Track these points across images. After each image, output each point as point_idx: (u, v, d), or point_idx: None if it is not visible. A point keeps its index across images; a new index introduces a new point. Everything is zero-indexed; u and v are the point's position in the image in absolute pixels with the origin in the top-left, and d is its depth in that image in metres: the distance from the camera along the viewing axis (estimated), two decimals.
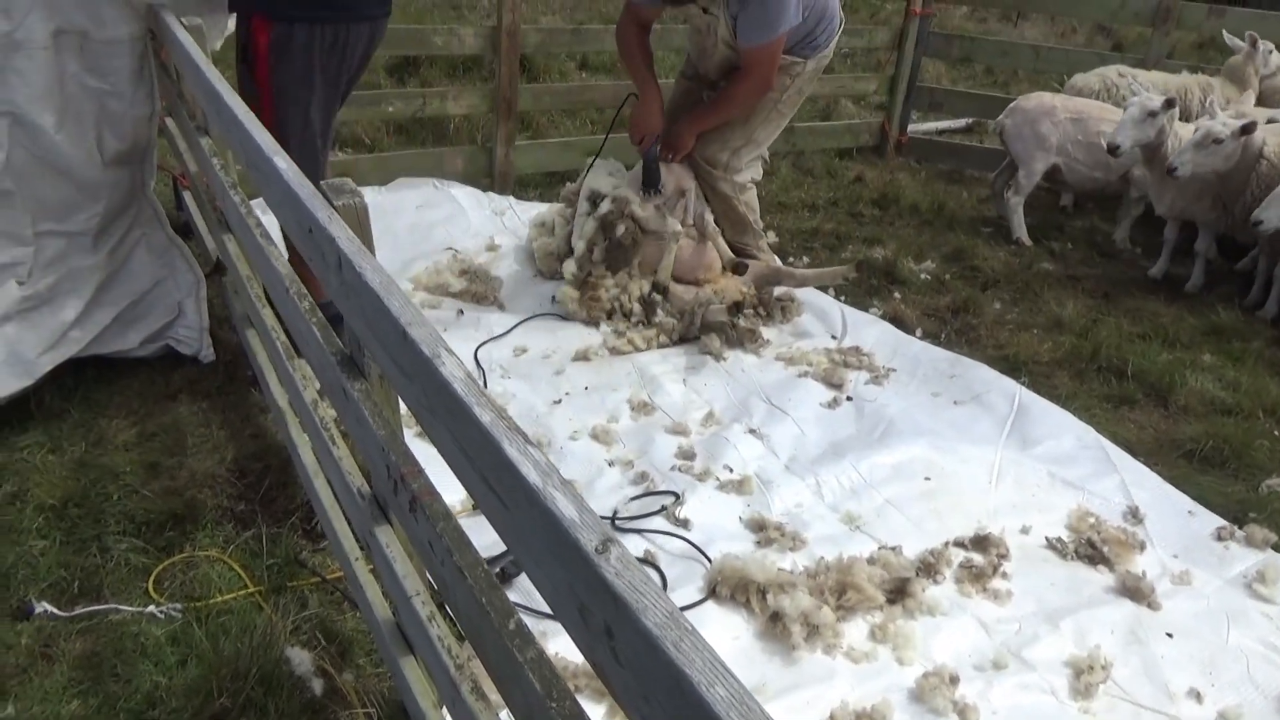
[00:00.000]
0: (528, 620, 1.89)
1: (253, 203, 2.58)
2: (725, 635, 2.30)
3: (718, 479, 2.88)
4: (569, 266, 3.82)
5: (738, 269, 3.96)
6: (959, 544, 2.65)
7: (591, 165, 4.11)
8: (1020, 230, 5.13)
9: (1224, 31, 5.41)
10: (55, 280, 2.92)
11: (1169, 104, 4.27)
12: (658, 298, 3.79)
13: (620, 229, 3.70)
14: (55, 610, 2.23)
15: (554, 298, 3.88)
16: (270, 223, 2.43)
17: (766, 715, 0.65)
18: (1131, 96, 4.40)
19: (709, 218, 3.99)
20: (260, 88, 2.94)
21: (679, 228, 3.86)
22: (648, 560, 2.52)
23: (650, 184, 3.83)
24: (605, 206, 3.75)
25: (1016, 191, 5.14)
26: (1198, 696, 2.21)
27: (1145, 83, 5.39)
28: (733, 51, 3.67)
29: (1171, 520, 2.83)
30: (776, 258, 4.34)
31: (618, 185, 3.84)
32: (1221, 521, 2.84)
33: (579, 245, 3.79)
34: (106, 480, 2.65)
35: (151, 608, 2.26)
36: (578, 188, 4.15)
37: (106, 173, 2.99)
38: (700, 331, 3.71)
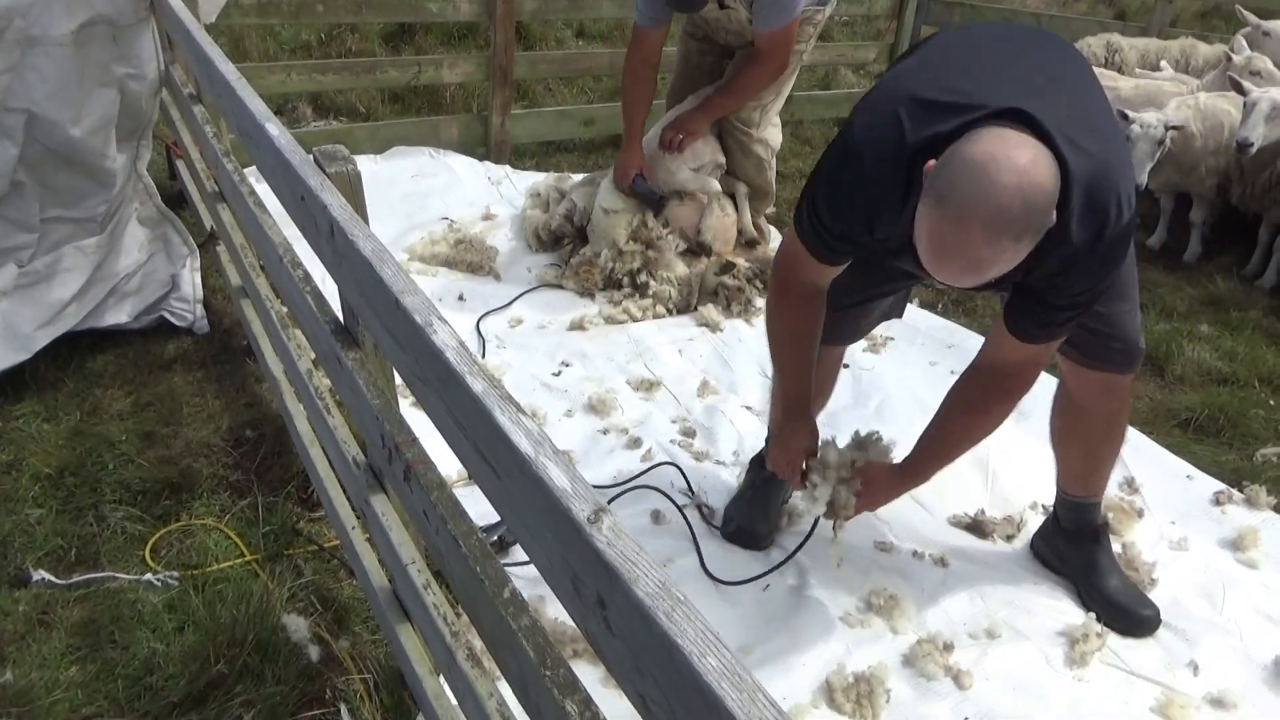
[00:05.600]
0: (526, 585, 1.90)
1: (246, 171, 2.56)
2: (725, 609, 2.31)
3: (712, 451, 2.88)
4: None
5: (725, 269, 3.87)
6: (955, 515, 2.65)
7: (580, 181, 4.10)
8: None
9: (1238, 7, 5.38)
10: (55, 259, 2.90)
11: None
12: (648, 281, 3.75)
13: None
14: (52, 578, 2.24)
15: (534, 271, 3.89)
16: (264, 191, 2.41)
17: (757, 684, 0.65)
18: (1254, 89, 4.12)
19: (741, 188, 3.97)
20: None
21: (717, 187, 3.85)
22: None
23: (656, 209, 3.79)
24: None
25: None
26: (1193, 666, 2.22)
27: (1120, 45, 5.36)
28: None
29: (1169, 486, 2.84)
30: (774, 229, 4.33)
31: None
32: (1220, 486, 2.85)
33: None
34: (102, 449, 2.65)
35: (148, 575, 2.26)
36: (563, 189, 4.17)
37: (119, 158, 2.96)
38: (699, 302, 3.71)
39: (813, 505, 2.12)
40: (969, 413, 2.03)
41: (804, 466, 2.16)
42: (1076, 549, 2.41)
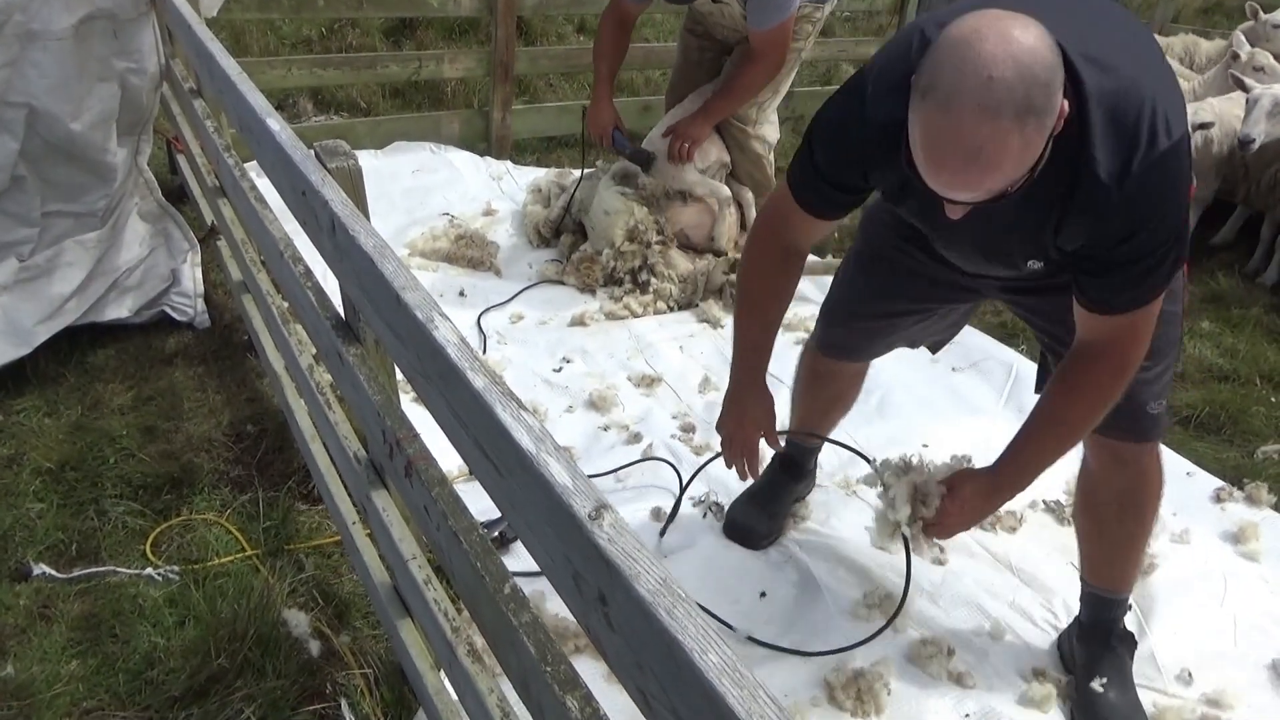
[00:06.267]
0: (526, 580, 1.90)
1: (247, 166, 2.56)
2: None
3: (712, 446, 2.88)
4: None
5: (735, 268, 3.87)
6: None
7: (580, 180, 4.06)
8: None
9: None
10: (55, 254, 2.90)
11: None
12: (649, 279, 3.73)
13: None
14: (53, 572, 2.24)
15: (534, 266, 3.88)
16: (265, 186, 2.41)
17: (759, 681, 0.66)
18: (1257, 85, 4.11)
19: (747, 195, 3.96)
20: None
21: (727, 192, 3.84)
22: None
23: (644, 166, 3.79)
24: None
25: None
26: (1191, 665, 2.21)
27: None
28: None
29: (1169, 483, 2.82)
30: None
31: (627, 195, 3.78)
32: (1220, 483, 2.85)
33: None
34: (103, 444, 2.65)
35: (149, 570, 2.27)
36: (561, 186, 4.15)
37: (119, 152, 2.96)
38: (703, 299, 3.71)
39: (890, 512, 1.85)
40: (1065, 397, 1.72)
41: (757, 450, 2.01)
42: (1084, 647, 2.10)
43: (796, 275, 1.99)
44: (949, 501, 1.82)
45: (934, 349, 2.36)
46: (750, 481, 2.22)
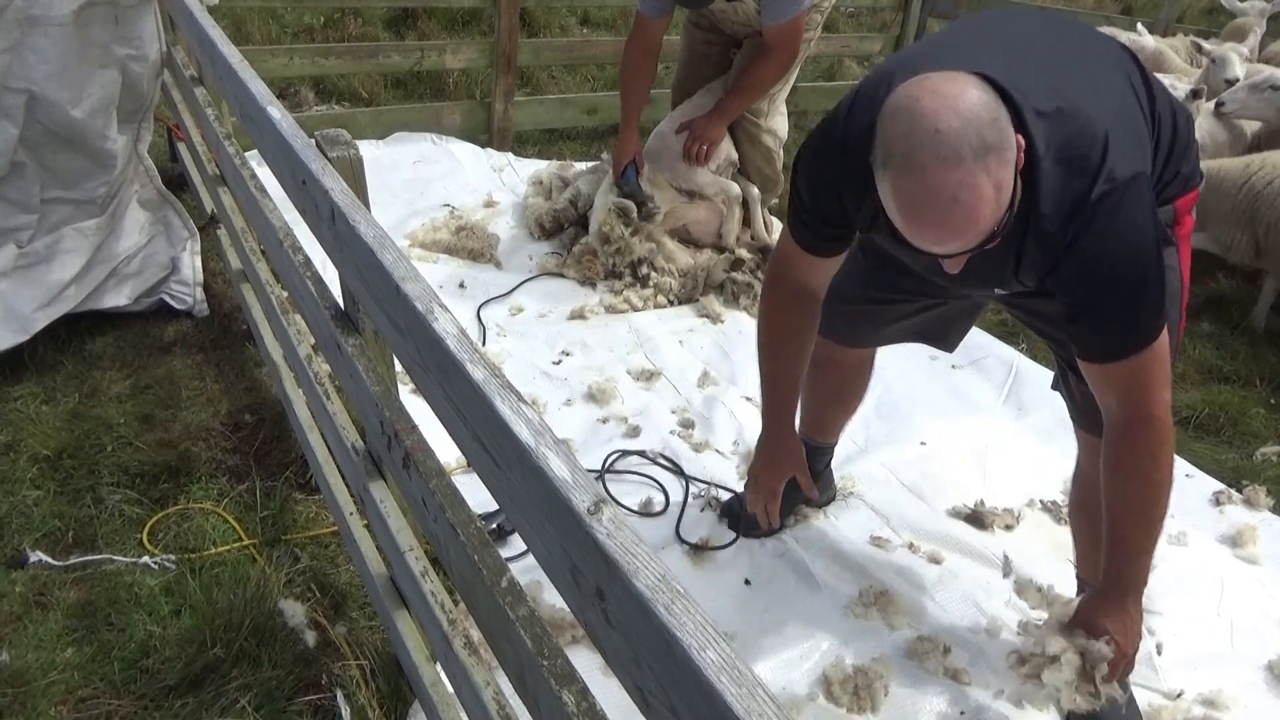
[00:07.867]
0: (523, 571, 1.90)
1: (248, 155, 2.55)
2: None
3: (711, 441, 2.88)
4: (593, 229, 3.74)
5: (735, 265, 3.83)
6: (954, 509, 2.65)
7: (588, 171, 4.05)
8: None
9: None
10: (55, 240, 2.89)
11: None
12: (649, 272, 3.73)
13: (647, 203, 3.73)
14: (50, 559, 2.23)
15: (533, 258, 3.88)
16: (265, 175, 2.40)
17: (757, 679, 0.65)
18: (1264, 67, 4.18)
19: (754, 191, 3.95)
20: None
21: (737, 191, 3.83)
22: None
23: (637, 204, 3.75)
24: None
25: None
26: (1189, 667, 2.21)
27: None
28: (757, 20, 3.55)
29: None
30: (776, 220, 4.32)
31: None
32: (1219, 485, 2.85)
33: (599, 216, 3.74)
34: (100, 432, 2.65)
35: (145, 558, 2.26)
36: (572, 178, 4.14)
37: (120, 139, 2.95)
38: (703, 294, 3.70)
39: (1063, 684, 1.69)
40: (1114, 475, 1.67)
41: None
42: None
43: (812, 317, 2.01)
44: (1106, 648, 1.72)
45: (948, 347, 2.33)
46: (772, 527, 2.32)
